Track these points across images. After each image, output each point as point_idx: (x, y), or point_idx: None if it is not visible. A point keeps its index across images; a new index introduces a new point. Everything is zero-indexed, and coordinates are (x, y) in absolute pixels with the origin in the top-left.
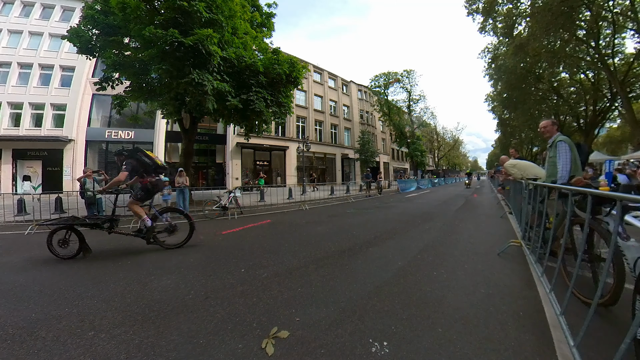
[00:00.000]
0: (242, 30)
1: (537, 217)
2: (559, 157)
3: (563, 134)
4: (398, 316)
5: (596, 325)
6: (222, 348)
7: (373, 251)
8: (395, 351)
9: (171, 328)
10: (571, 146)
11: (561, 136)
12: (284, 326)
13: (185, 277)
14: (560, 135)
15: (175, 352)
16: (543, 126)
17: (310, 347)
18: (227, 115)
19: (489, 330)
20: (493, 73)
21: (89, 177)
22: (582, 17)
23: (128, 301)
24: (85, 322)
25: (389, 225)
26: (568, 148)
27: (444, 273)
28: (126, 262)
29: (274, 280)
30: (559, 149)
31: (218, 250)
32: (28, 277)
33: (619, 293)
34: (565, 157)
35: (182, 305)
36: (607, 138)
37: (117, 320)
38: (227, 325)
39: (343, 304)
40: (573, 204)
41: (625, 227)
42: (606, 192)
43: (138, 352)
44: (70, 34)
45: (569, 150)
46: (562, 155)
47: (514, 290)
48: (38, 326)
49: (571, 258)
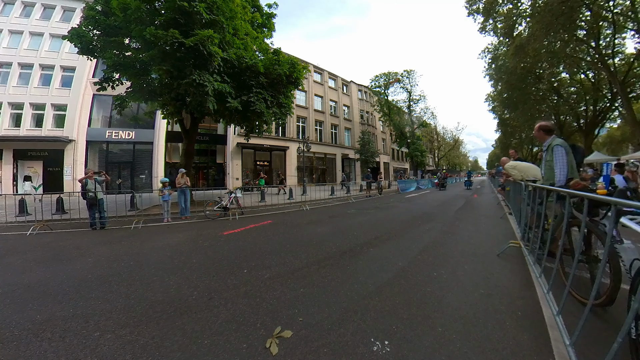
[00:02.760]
0: (242, 31)
1: (536, 218)
2: (556, 161)
3: (560, 136)
4: (399, 316)
5: (593, 325)
6: (227, 348)
7: (374, 252)
8: (397, 350)
9: (175, 329)
10: (567, 150)
11: (557, 140)
12: (287, 326)
13: (188, 278)
14: (556, 139)
15: (180, 352)
16: (534, 131)
17: (313, 346)
18: (228, 115)
19: (487, 330)
20: (493, 73)
21: (91, 178)
22: (582, 18)
23: (132, 302)
24: (90, 323)
25: (389, 226)
26: (564, 152)
27: (444, 274)
28: (129, 263)
29: (276, 280)
30: (555, 154)
31: (220, 251)
32: (31, 278)
33: (615, 294)
34: (562, 162)
35: (186, 306)
36: (607, 138)
37: (122, 321)
38: (232, 326)
39: (345, 304)
40: (571, 206)
41: (622, 229)
42: (601, 197)
43: (143, 352)
44: (71, 34)
45: (565, 155)
46: (559, 160)
47: (512, 291)
48: (44, 327)
49: (569, 259)
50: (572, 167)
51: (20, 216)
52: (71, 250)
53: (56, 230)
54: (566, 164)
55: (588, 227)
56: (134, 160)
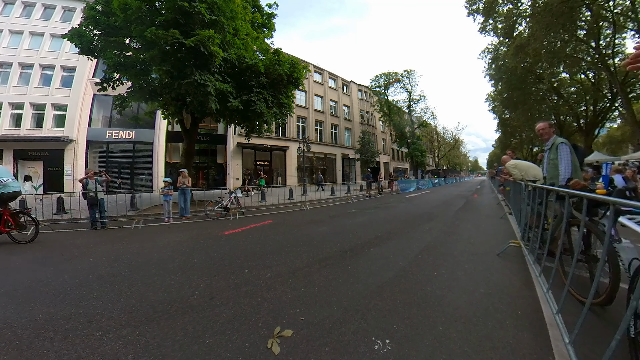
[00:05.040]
0: (243, 31)
1: (536, 218)
2: (561, 159)
3: (560, 136)
4: (400, 315)
5: (592, 324)
6: (229, 347)
7: (374, 251)
8: (398, 349)
9: (176, 329)
10: (571, 149)
11: (560, 139)
12: (288, 325)
13: (189, 278)
14: (559, 138)
15: (182, 352)
16: (541, 128)
17: (315, 345)
18: (229, 115)
19: (488, 329)
20: (493, 73)
21: (91, 178)
22: (582, 17)
23: (133, 302)
24: (92, 323)
25: (390, 225)
26: (569, 150)
27: (445, 273)
28: (129, 263)
29: (277, 280)
30: (560, 152)
31: (221, 251)
32: (32, 277)
33: (614, 293)
34: (567, 160)
35: (187, 305)
36: (607, 138)
37: (123, 321)
38: (233, 325)
39: (346, 303)
40: (570, 205)
41: (620, 228)
42: (600, 196)
43: (145, 352)
44: (71, 34)
45: (570, 153)
46: (564, 158)
47: (512, 290)
48: (46, 327)
49: (569, 258)
50: (576, 166)
51: None
52: (72, 249)
53: (57, 230)
54: (571, 162)
55: (587, 226)
56: (134, 160)
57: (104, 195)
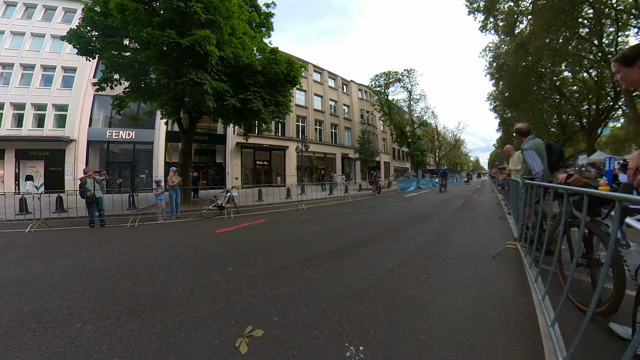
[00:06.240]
0: (240, 30)
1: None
2: (529, 164)
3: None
4: (379, 320)
5: (593, 337)
6: (201, 342)
7: (363, 252)
8: (371, 357)
9: (155, 321)
10: (538, 150)
11: (527, 143)
12: (261, 325)
13: (175, 274)
14: (528, 142)
15: (156, 343)
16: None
17: (283, 348)
18: (226, 115)
19: (474, 339)
20: (494, 72)
21: (90, 178)
22: (584, 15)
23: (117, 296)
24: (74, 315)
25: (384, 225)
26: (535, 153)
27: (434, 276)
28: (120, 259)
29: (259, 279)
30: (525, 157)
31: (209, 249)
32: (25, 272)
33: (618, 301)
34: (534, 159)
35: (169, 300)
36: (610, 137)
37: (104, 314)
38: (207, 322)
39: (324, 305)
40: (570, 204)
41: (627, 230)
42: (604, 192)
43: (120, 343)
44: (69, 35)
45: (536, 154)
46: (530, 160)
47: (506, 296)
48: (30, 318)
49: (569, 261)
50: (546, 166)
51: (20, 214)
52: (67, 246)
53: (55, 228)
54: (538, 159)
55: (589, 227)
56: (134, 160)
57: (102, 194)
